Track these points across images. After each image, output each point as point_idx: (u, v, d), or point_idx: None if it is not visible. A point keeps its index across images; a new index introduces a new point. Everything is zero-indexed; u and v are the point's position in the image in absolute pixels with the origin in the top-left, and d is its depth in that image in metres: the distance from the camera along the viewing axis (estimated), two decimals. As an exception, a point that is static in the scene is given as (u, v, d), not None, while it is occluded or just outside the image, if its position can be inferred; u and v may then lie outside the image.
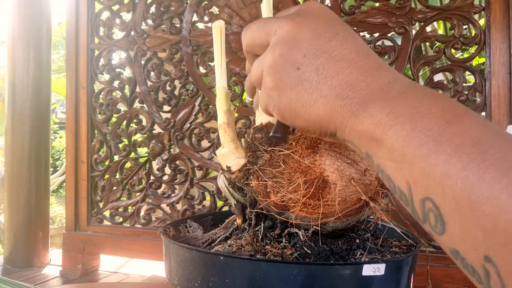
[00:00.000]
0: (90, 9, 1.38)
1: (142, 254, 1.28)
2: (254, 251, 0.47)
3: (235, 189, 0.53)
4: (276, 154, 0.47)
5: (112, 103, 1.37)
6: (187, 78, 1.28)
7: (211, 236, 0.56)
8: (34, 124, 1.42)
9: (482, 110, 0.99)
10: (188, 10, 1.27)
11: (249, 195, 0.51)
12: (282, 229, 0.49)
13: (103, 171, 1.37)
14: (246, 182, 0.50)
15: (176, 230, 0.59)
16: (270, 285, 0.40)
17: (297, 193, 0.43)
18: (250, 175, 0.50)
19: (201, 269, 0.44)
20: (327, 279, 0.40)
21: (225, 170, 0.53)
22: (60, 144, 5.57)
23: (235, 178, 0.52)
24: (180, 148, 1.28)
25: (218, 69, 0.54)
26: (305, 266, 0.41)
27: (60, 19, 5.73)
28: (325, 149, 0.44)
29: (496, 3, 0.98)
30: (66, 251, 1.36)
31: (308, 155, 0.44)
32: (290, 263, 0.43)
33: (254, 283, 0.41)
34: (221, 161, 0.54)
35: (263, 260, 0.44)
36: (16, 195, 1.41)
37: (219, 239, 0.54)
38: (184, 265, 0.46)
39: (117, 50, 1.39)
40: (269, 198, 0.46)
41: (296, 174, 0.44)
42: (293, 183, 0.44)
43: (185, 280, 0.45)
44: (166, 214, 1.29)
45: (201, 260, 0.44)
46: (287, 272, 0.40)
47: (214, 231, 0.57)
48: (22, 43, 1.41)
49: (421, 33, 1.05)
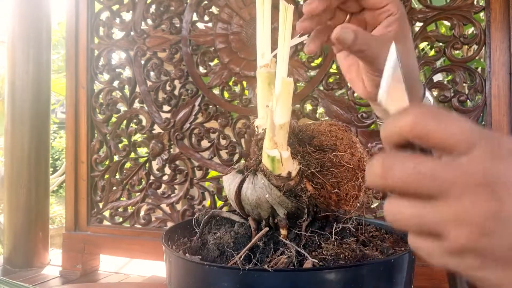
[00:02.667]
0: (90, 9, 1.38)
1: (142, 254, 1.28)
2: (336, 254, 0.44)
3: (288, 197, 0.47)
4: (328, 156, 0.46)
5: (112, 103, 1.37)
6: (187, 78, 1.28)
7: (217, 243, 0.49)
8: (34, 124, 1.42)
9: (482, 110, 0.99)
10: (188, 10, 1.27)
11: (307, 200, 0.46)
12: (331, 227, 0.48)
13: (103, 171, 1.36)
14: (302, 187, 0.46)
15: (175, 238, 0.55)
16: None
17: (358, 188, 0.45)
18: (303, 179, 0.46)
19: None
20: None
21: (283, 177, 0.46)
22: (60, 144, 5.57)
23: (294, 184, 0.46)
24: (180, 148, 1.28)
25: (280, 59, 0.47)
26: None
27: (60, 19, 5.73)
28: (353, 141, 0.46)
29: (496, 3, 0.98)
30: (66, 251, 1.36)
31: (350, 153, 0.46)
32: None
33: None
34: (280, 166, 0.46)
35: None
36: (16, 195, 1.41)
37: (243, 251, 0.46)
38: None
39: (117, 50, 1.39)
40: (331, 199, 0.45)
41: (355, 170, 0.45)
42: (354, 179, 0.44)
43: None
44: (166, 214, 1.29)
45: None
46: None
47: (217, 236, 0.51)
48: (22, 43, 1.40)
49: (421, 33, 1.05)
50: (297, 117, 1.15)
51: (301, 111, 1.16)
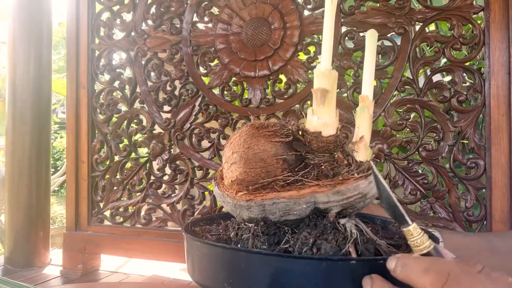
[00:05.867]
0: (90, 10, 1.38)
1: (143, 254, 1.29)
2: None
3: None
4: None
5: (112, 103, 1.37)
6: (187, 78, 1.28)
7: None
8: (34, 124, 1.42)
9: (481, 111, 1.00)
10: (188, 10, 1.27)
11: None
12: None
13: (103, 171, 1.37)
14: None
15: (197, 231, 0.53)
16: None
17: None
18: None
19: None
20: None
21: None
22: (60, 144, 5.58)
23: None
24: (180, 148, 1.28)
25: (367, 78, 0.49)
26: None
27: (60, 19, 5.73)
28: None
29: (496, 3, 0.98)
30: (67, 251, 1.37)
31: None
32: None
33: None
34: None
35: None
36: (16, 195, 1.42)
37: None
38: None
39: (118, 51, 1.39)
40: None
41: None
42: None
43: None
44: (167, 214, 1.29)
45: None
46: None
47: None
48: (22, 43, 1.41)
49: (421, 33, 1.05)
50: (297, 117, 1.16)
51: (301, 111, 1.16)
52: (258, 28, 1.17)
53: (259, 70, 1.18)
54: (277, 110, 1.19)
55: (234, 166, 0.43)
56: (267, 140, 0.44)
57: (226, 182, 0.45)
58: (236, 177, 0.43)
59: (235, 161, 0.43)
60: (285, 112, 1.18)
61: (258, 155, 0.43)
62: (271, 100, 1.19)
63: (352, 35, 1.10)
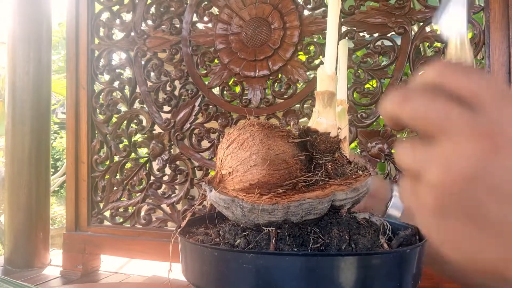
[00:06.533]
0: (90, 10, 1.38)
1: (143, 254, 1.29)
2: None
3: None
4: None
5: (112, 104, 1.37)
6: (187, 78, 1.28)
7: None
8: (34, 124, 1.42)
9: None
10: (188, 10, 1.27)
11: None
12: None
13: (103, 172, 1.37)
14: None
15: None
16: None
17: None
18: None
19: None
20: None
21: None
22: (60, 144, 5.58)
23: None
24: (180, 149, 1.28)
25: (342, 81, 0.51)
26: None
27: (60, 19, 5.73)
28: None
29: (496, 3, 0.98)
30: (67, 252, 1.36)
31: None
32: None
33: None
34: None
35: None
36: (16, 195, 1.41)
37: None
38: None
39: (117, 51, 1.39)
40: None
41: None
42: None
43: None
44: (167, 214, 1.29)
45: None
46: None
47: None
48: (22, 43, 1.41)
49: (421, 33, 1.05)
50: (297, 117, 1.16)
51: (301, 111, 1.16)
52: (258, 28, 1.17)
53: (259, 70, 1.18)
54: (277, 110, 1.19)
55: (255, 169, 0.42)
56: (283, 140, 0.43)
57: (239, 186, 0.44)
58: (258, 179, 0.42)
59: (256, 163, 0.42)
60: (285, 112, 1.18)
61: (280, 156, 0.42)
62: (271, 100, 1.19)
63: (352, 35, 1.10)
